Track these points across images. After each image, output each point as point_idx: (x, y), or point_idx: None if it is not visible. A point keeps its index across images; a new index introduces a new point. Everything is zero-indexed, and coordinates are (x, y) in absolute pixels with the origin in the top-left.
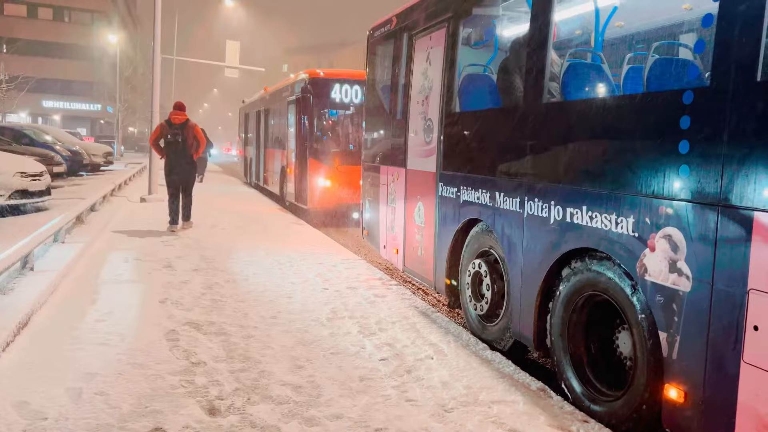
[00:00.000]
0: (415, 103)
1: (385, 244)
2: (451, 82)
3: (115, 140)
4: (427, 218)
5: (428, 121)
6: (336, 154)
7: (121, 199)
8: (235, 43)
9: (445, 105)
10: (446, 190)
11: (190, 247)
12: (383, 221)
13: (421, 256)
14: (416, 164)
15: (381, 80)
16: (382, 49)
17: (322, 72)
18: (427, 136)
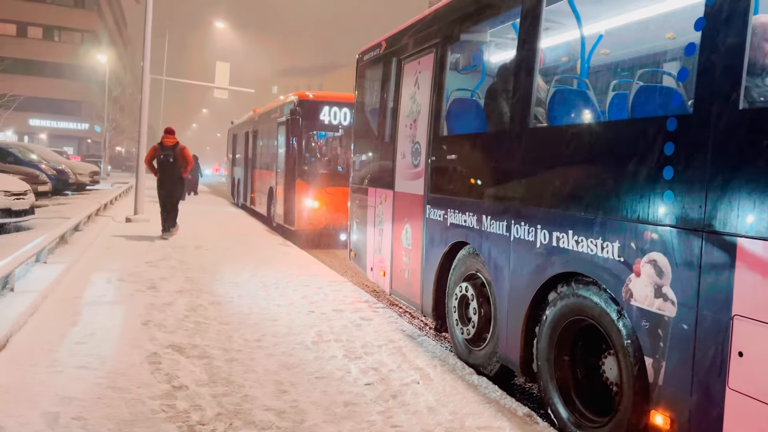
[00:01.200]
0: (404, 126)
1: (372, 266)
2: (439, 106)
3: (102, 160)
4: (414, 240)
5: (416, 144)
6: (324, 176)
7: (107, 219)
8: (225, 65)
9: (433, 128)
10: (434, 213)
11: (174, 268)
12: (371, 243)
13: (408, 278)
14: (404, 187)
15: (370, 103)
16: (371, 73)
17: (311, 94)
18: (415, 159)
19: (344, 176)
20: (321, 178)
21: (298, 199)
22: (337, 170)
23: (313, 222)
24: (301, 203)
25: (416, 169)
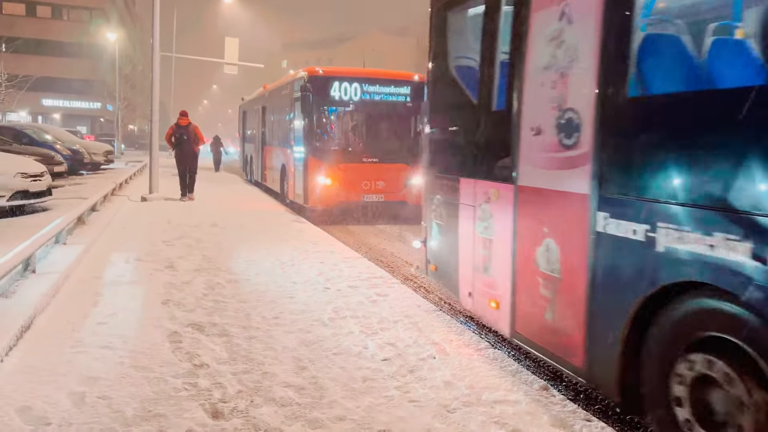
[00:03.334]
0: (536, 85)
1: (470, 290)
2: (623, 47)
3: (116, 138)
4: (567, 266)
5: (568, 113)
6: (336, 152)
7: (122, 198)
8: (234, 40)
9: (612, 85)
10: (617, 226)
11: (191, 246)
12: (466, 257)
13: (553, 321)
14: (540, 179)
15: (459, 58)
16: (460, 16)
17: (321, 69)
18: (568, 136)
19: (357, 152)
20: (333, 154)
21: (310, 176)
22: (349, 146)
23: (326, 199)
24: (313, 180)
25: (570, 152)
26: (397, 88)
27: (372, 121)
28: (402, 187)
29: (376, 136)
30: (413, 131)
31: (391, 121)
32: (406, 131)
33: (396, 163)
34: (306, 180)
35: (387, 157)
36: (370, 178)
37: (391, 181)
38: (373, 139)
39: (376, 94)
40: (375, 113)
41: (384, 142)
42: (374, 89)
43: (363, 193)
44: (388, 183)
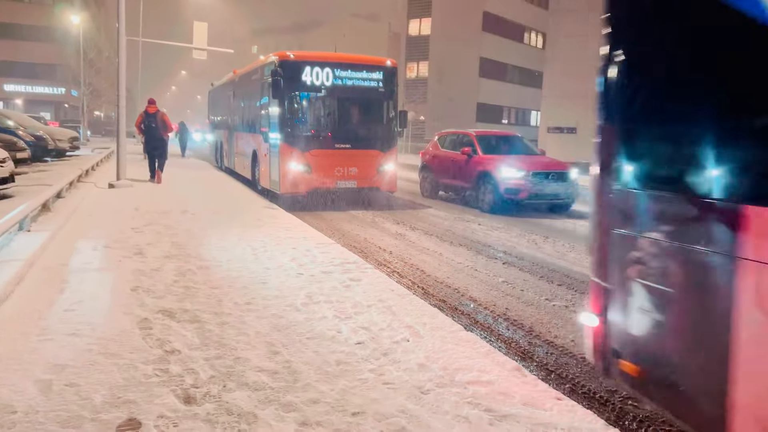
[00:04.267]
0: None
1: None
2: None
3: (81, 125)
4: None
5: None
6: (309, 138)
7: (89, 185)
8: (203, 25)
9: None
10: None
11: (161, 233)
12: (729, 351)
13: None
14: None
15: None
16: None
17: (293, 54)
18: None
19: (330, 139)
20: (306, 140)
21: (282, 162)
22: (322, 132)
23: (298, 185)
24: (285, 167)
25: None
26: (369, 74)
27: (344, 106)
28: (375, 174)
29: (348, 122)
30: (386, 117)
31: (364, 106)
32: (379, 117)
33: (369, 149)
34: (278, 166)
35: (360, 143)
36: (343, 164)
37: (364, 167)
38: (346, 125)
39: (349, 80)
40: (347, 99)
41: (357, 128)
42: (346, 74)
43: (336, 179)
44: (362, 169)
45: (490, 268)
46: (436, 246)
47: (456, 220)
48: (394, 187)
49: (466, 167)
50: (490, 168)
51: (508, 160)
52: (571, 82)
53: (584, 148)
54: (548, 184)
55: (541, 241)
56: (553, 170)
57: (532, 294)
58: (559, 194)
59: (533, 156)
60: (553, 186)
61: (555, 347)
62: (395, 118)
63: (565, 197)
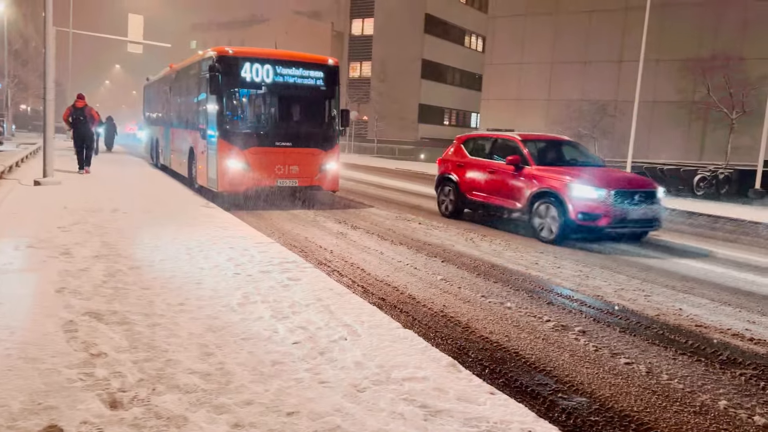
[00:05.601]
0: None
1: None
2: None
3: (5, 119)
4: None
5: None
6: (248, 136)
7: (12, 182)
8: (138, 17)
9: None
10: None
11: (90, 233)
12: None
13: None
14: None
15: None
16: None
17: (231, 49)
18: None
19: (270, 136)
20: (245, 138)
21: (220, 160)
22: (261, 130)
23: (236, 183)
24: (223, 164)
25: None
26: (310, 72)
27: (285, 104)
28: (317, 172)
29: (289, 120)
30: (328, 116)
31: (305, 105)
32: (320, 116)
33: (310, 148)
34: (216, 164)
35: (301, 141)
36: (284, 162)
37: (305, 165)
38: (287, 123)
39: (289, 77)
40: (288, 96)
41: (298, 127)
42: (287, 72)
43: (276, 177)
44: (303, 168)
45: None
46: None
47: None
48: (336, 186)
49: (512, 182)
50: (554, 185)
51: (579, 175)
52: (508, 85)
53: None
54: (635, 206)
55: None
56: (641, 189)
57: None
58: (648, 219)
59: (606, 169)
60: (642, 209)
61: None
62: (337, 117)
63: (655, 223)
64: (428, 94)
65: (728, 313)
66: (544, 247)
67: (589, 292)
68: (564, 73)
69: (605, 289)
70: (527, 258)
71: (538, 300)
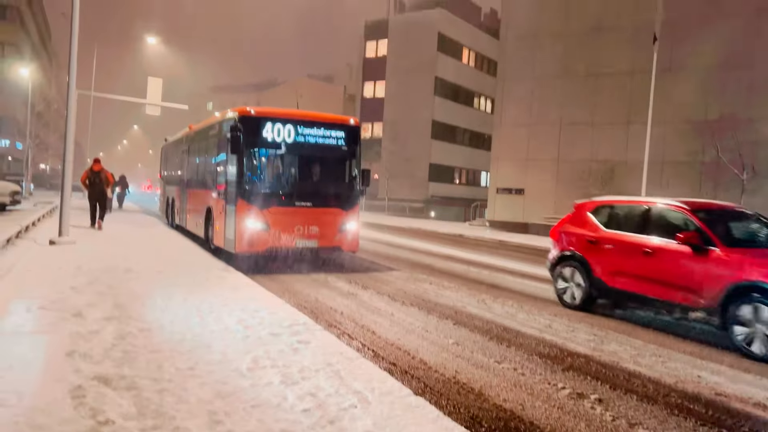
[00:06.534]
0: None
1: None
2: None
3: (24, 178)
4: None
5: None
6: (268, 196)
7: (28, 242)
8: (158, 80)
9: None
10: None
11: (102, 293)
12: None
13: None
14: None
15: None
16: None
17: (253, 110)
18: None
19: (290, 197)
20: (264, 198)
21: (238, 220)
22: (281, 190)
23: (255, 244)
24: (242, 224)
25: None
26: (331, 131)
27: (306, 164)
28: (337, 233)
29: (309, 180)
30: (349, 175)
31: (326, 165)
32: (341, 175)
33: (331, 208)
34: (234, 224)
35: (321, 201)
36: (304, 222)
37: (325, 226)
38: (307, 183)
39: (311, 137)
40: (309, 157)
41: (318, 186)
42: (308, 132)
43: (296, 238)
44: (323, 228)
45: None
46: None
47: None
48: (356, 247)
49: (688, 269)
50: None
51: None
52: (518, 145)
53: (532, 209)
54: None
55: None
56: None
57: None
58: None
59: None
60: None
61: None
62: (358, 177)
63: None
64: (438, 154)
65: (749, 381)
66: (557, 310)
67: (605, 358)
68: (572, 134)
69: (621, 354)
70: (540, 321)
71: (552, 365)
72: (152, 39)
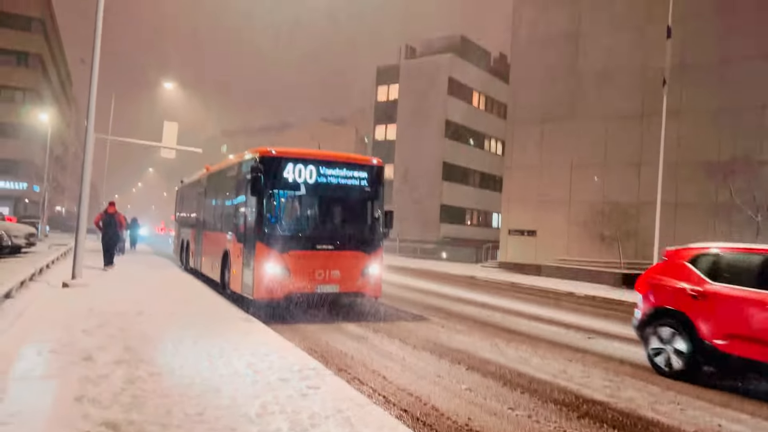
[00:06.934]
0: None
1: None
2: None
3: (40, 221)
4: None
5: None
6: (287, 238)
7: (42, 284)
8: (173, 124)
9: None
10: None
11: (113, 336)
12: None
13: None
14: None
15: None
16: None
17: (274, 150)
18: None
19: (310, 239)
20: (283, 241)
21: (257, 263)
22: (302, 232)
23: (273, 290)
24: (260, 268)
25: None
26: (354, 172)
27: (327, 205)
28: (359, 277)
29: (331, 221)
30: (371, 217)
31: (348, 206)
32: (364, 217)
33: (353, 251)
34: (252, 268)
35: (343, 244)
36: (325, 266)
37: (347, 269)
38: (329, 225)
39: (333, 177)
40: (331, 198)
41: (340, 229)
42: (330, 172)
43: (316, 283)
44: (345, 272)
45: None
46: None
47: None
48: (378, 292)
49: None
50: None
51: None
52: (529, 187)
53: (544, 251)
54: None
55: None
56: None
57: None
58: None
59: None
60: None
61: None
62: (381, 218)
63: None
64: (449, 195)
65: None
66: (572, 355)
67: (622, 405)
68: (584, 175)
69: (639, 401)
70: (554, 366)
71: (567, 412)
72: (169, 84)
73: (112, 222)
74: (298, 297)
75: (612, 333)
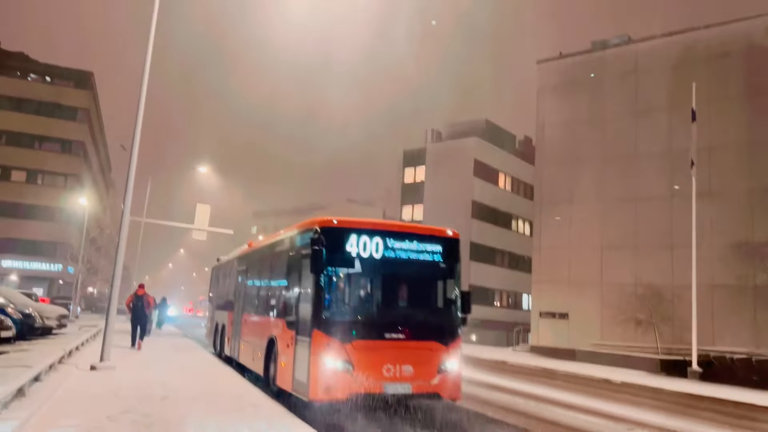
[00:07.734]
0: None
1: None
2: None
3: (72, 302)
4: None
5: None
6: (351, 326)
7: (70, 366)
8: (206, 207)
9: None
10: None
11: (137, 422)
12: None
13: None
14: None
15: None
16: None
17: (336, 220)
18: None
19: (377, 327)
20: (347, 328)
21: (314, 356)
22: (367, 318)
23: (334, 389)
24: (318, 362)
25: None
26: (427, 245)
27: (396, 286)
28: (435, 373)
29: (401, 305)
30: (447, 300)
31: (421, 286)
32: (438, 300)
33: (427, 341)
34: (308, 362)
35: (416, 332)
36: (394, 360)
37: (421, 365)
38: (398, 310)
39: (402, 252)
40: (400, 276)
41: (411, 314)
42: (400, 246)
43: (384, 381)
44: (418, 368)
45: None
46: None
47: None
48: (458, 394)
49: None
50: None
51: None
52: (559, 268)
53: (578, 334)
54: None
55: None
56: None
57: None
58: None
59: None
60: None
61: None
62: (458, 301)
63: None
64: (478, 276)
65: None
66: None
67: None
68: (614, 257)
69: None
70: None
71: None
72: (203, 168)
73: (140, 303)
74: (362, 399)
75: (653, 425)
